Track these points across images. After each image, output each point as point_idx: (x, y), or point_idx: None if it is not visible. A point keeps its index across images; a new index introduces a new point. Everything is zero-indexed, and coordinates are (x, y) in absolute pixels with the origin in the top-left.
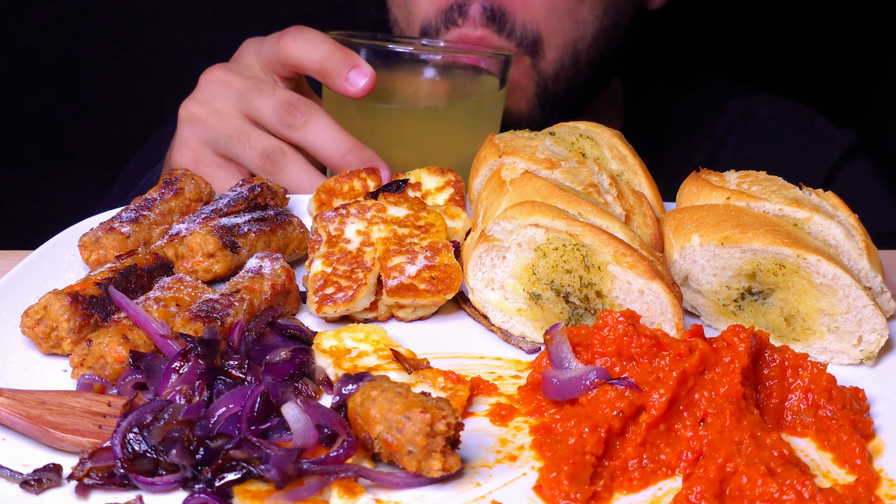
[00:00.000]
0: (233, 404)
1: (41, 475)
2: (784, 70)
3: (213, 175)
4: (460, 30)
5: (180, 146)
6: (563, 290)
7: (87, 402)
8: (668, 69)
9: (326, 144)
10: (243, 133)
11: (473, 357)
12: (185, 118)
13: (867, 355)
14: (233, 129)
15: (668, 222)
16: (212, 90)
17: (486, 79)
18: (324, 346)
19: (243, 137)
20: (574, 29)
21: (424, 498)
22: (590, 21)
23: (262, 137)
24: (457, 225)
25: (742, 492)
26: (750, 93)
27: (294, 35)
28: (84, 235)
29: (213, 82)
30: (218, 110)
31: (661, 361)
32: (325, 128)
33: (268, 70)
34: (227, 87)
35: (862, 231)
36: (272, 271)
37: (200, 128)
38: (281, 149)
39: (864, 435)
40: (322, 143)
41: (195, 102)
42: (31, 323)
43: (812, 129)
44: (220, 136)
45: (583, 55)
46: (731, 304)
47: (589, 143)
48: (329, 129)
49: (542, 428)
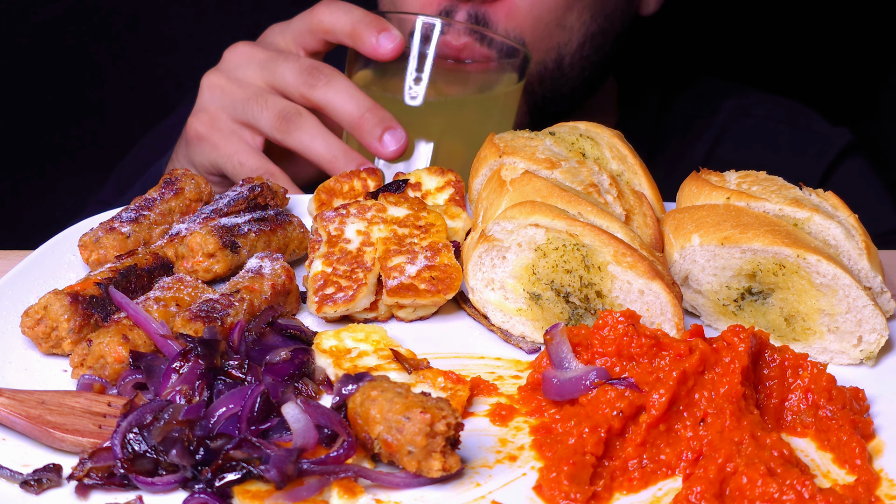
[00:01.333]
0: (233, 404)
1: (41, 475)
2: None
3: (227, 140)
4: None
5: (197, 111)
6: (563, 290)
7: (87, 402)
8: (663, 68)
9: (346, 102)
10: (261, 96)
11: (473, 357)
12: (206, 86)
13: (867, 355)
14: (251, 93)
15: (668, 222)
16: (234, 61)
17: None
18: (324, 346)
19: (261, 100)
20: (559, 34)
21: (424, 498)
22: (576, 27)
23: (279, 100)
24: (457, 225)
25: (742, 492)
26: (745, 91)
27: (327, 4)
28: (84, 235)
29: (237, 54)
30: (239, 78)
31: (661, 361)
32: (346, 87)
33: (295, 43)
34: (249, 58)
35: (862, 231)
36: (272, 271)
37: (219, 94)
38: (297, 110)
39: (864, 435)
40: (342, 100)
41: (217, 72)
42: (31, 323)
43: (807, 128)
44: (237, 100)
45: (566, 59)
46: (731, 304)
47: (589, 143)
48: (350, 88)
49: (542, 428)
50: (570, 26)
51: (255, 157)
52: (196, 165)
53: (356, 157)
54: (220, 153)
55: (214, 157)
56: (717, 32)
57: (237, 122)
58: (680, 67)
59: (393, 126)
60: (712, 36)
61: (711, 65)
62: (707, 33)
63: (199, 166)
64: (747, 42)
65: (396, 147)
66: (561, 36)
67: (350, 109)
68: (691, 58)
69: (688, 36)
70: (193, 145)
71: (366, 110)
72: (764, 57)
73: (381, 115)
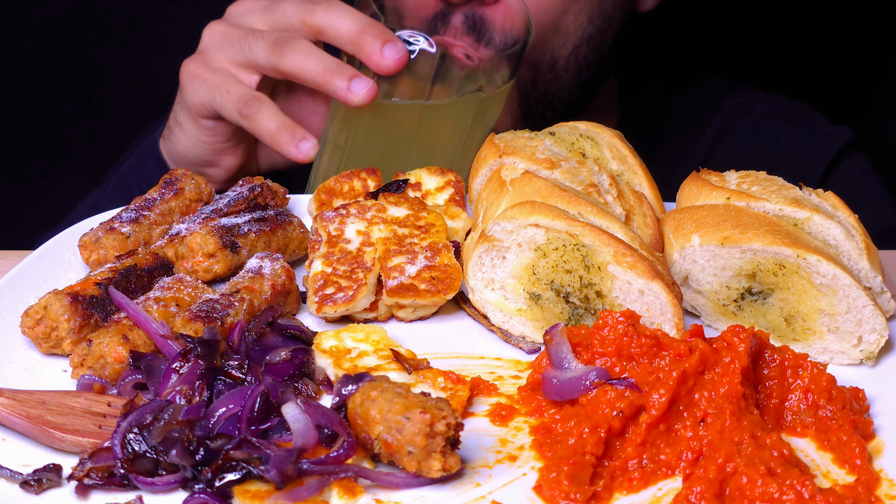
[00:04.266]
0: (233, 404)
1: (41, 475)
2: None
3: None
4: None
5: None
6: (563, 290)
7: (87, 402)
8: (662, 67)
9: (346, 20)
10: (258, 31)
11: (473, 357)
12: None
13: (867, 355)
14: (249, 31)
15: (668, 222)
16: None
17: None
18: (324, 346)
19: (257, 34)
20: (553, 37)
21: (424, 498)
22: (571, 30)
23: (275, 33)
24: (457, 225)
25: (742, 492)
26: (745, 90)
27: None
28: (84, 235)
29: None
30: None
31: (661, 361)
32: (345, 8)
33: None
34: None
35: (862, 231)
36: (272, 271)
37: (219, 38)
38: (292, 36)
39: (864, 435)
40: (342, 19)
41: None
42: (31, 323)
43: (808, 126)
44: (235, 39)
45: (560, 62)
46: (731, 304)
47: (589, 143)
48: (349, 9)
49: (542, 428)
50: (565, 30)
51: (241, 85)
52: (188, 106)
53: (349, 70)
54: (209, 86)
55: (203, 92)
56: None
57: (233, 63)
58: (680, 66)
59: (392, 39)
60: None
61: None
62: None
63: (190, 107)
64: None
65: (397, 58)
66: (555, 39)
67: (349, 26)
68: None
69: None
70: (186, 84)
71: (366, 25)
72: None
73: (379, 29)
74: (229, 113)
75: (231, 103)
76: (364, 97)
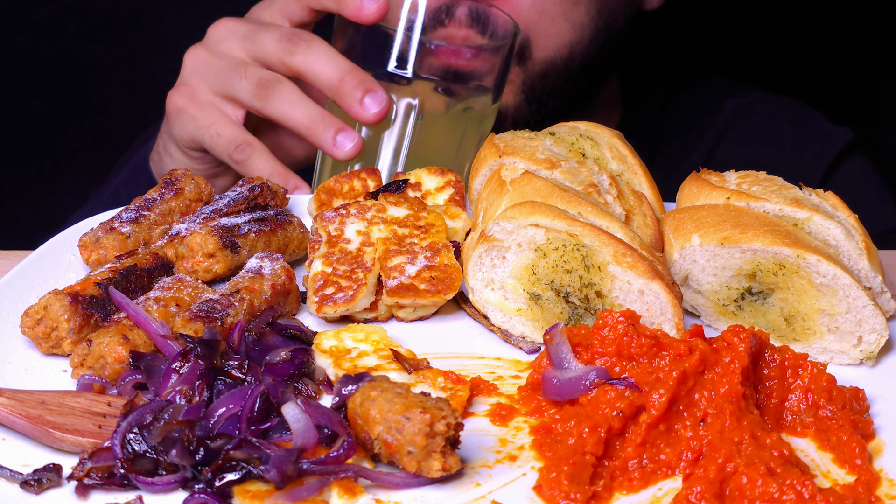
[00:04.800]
0: (233, 404)
1: (41, 475)
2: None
3: (204, 111)
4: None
5: (179, 84)
6: (563, 290)
7: (87, 402)
8: (664, 66)
9: (326, 66)
10: (241, 66)
11: (473, 357)
12: (188, 60)
13: (867, 355)
14: (232, 63)
15: (668, 222)
16: (217, 35)
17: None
18: (324, 346)
19: (241, 70)
20: (570, 31)
21: (424, 498)
22: (586, 23)
23: (259, 69)
24: (457, 225)
25: (742, 492)
26: (747, 90)
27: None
28: (84, 235)
29: (220, 28)
30: (221, 51)
31: (661, 361)
32: (325, 51)
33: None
34: (232, 32)
35: (862, 231)
36: (272, 271)
37: (202, 67)
38: (276, 77)
39: (864, 435)
40: (322, 65)
41: (200, 47)
42: (31, 323)
43: (809, 127)
44: (219, 72)
45: (577, 57)
46: (731, 304)
47: (589, 143)
48: (329, 52)
49: (542, 428)
50: (580, 23)
51: (231, 126)
52: (176, 139)
53: (335, 122)
54: (197, 124)
55: (192, 129)
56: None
57: (217, 95)
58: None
59: (373, 88)
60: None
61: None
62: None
63: (178, 140)
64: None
65: (378, 109)
66: (572, 34)
67: (329, 73)
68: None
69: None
70: (173, 118)
71: (346, 73)
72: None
73: (361, 77)
74: (220, 155)
75: (221, 146)
76: (350, 152)
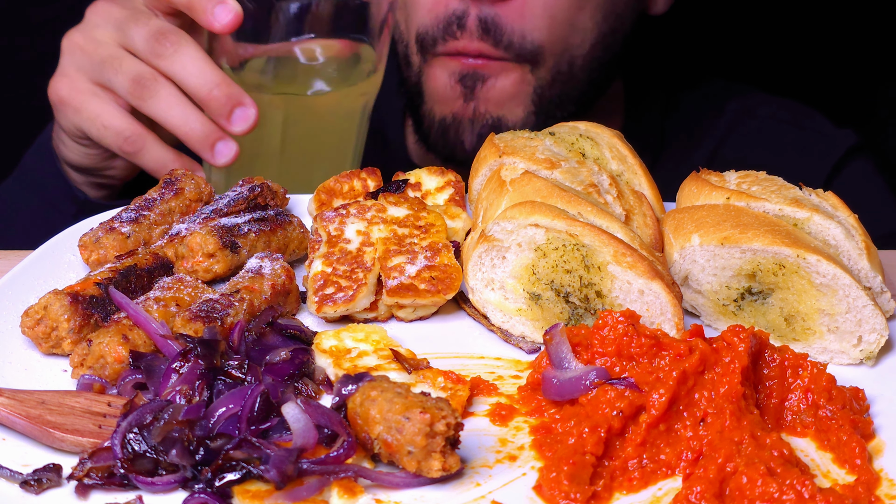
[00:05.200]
0: (233, 404)
1: (41, 475)
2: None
3: (88, 103)
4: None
5: (59, 75)
6: (563, 290)
7: (87, 402)
8: (667, 68)
9: (194, 76)
10: (116, 59)
11: (473, 357)
12: (66, 47)
13: (867, 355)
14: (107, 55)
15: (668, 222)
16: (93, 20)
17: None
18: (324, 346)
19: (115, 63)
20: (572, 36)
21: (424, 498)
22: (589, 27)
23: (135, 63)
24: (457, 225)
25: (742, 492)
26: (749, 92)
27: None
28: (84, 235)
29: (96, 12)
30: (96, 38)
31: (661, 361)
32: (193, 59)
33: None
34: (107, 17)
35: (862, 231)
36: (272, 271)
37: (79, 55)
38: (154, 75)
39: (864, 435)
40: (189, 74)
41: (76, 31)
42: (31, 323)
43: (812, 129)
44: (94, 62)
45: (578, 61)
46: (731, 304)
47: (589, 143)
48: (198, 60)
49: (542, 428)
50: (582, 27)
51: (118, 118)
52: (64, 130)
53: (214, 131)
54: (82, 117)
55: (78, 121)
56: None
57: (96, 85)
58: (684, 68)
59: (243, 102)
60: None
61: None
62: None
63: (66, 131)
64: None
65: (245, 126)
66: (573, 38)
67: (197, 84)
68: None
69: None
70: (57, 110)
71: (213, 86)
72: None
73: (229, 91)
74: (110, 147)
75: (110, 139)
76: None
